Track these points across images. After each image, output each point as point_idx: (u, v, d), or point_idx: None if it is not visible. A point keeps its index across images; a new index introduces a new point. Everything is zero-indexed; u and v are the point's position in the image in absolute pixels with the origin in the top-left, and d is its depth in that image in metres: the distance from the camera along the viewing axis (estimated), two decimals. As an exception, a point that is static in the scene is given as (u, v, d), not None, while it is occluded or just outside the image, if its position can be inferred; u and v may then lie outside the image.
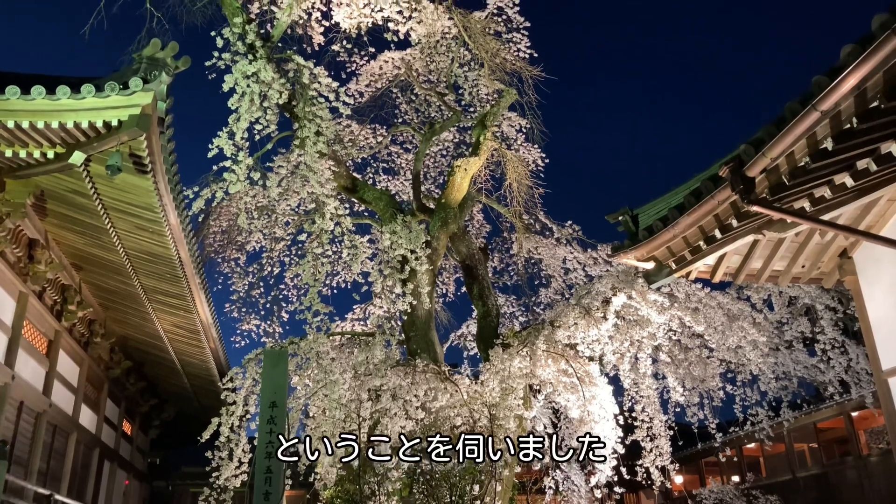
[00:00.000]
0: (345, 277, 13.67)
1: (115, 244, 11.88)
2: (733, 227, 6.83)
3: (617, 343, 10.24)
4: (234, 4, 10.45)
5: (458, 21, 11.80)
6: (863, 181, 6.25)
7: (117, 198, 10.54)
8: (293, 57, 10.25)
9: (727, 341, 10.84)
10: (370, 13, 11.08)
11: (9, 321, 11.79)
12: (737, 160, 6.07)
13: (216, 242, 13.37)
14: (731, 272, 8.23)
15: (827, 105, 5.20)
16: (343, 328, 14.17)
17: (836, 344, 11.11)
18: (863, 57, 4.81)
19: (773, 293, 11.41)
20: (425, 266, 10.64)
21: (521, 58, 12.60)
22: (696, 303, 10.61)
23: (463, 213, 12.45)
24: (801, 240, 7.85)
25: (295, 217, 12.90)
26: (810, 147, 5.74)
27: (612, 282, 10.20)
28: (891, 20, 4.63)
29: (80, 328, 15.34)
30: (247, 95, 9.45)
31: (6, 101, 8.29)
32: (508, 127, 14.14)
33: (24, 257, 12.00)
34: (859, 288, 7.94)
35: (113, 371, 17.86)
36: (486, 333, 11.47)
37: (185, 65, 9.14)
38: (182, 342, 16.64)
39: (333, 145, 11.81)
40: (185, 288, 13.37)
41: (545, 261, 14.05)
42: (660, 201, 8.53)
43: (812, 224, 6.64)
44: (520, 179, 13.58)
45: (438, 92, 13.67)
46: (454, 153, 15.04)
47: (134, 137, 8.84)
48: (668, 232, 7.19)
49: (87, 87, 8.45)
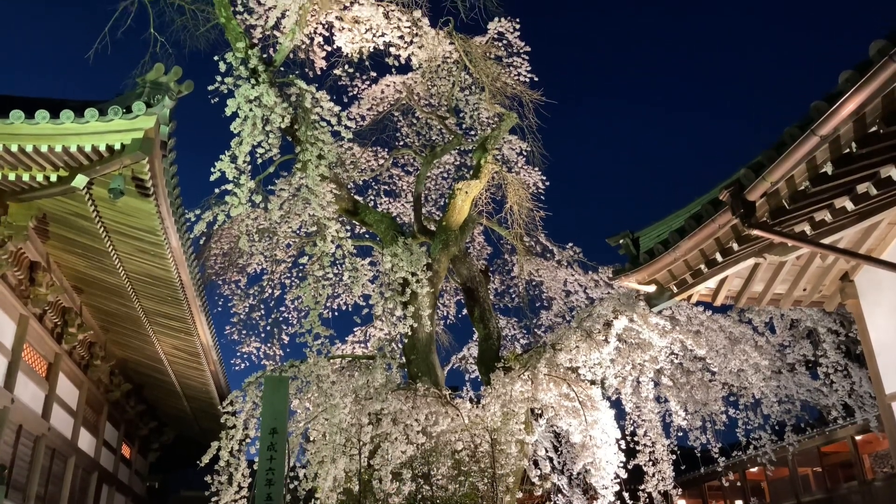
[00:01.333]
0: (346, 300, 13.66)
1: (116, 267, 11.90)
2: (734, 251, 6.84)
3: (619, 366, 10.20)
4: (237, 29, 10.56)
5: (458, 46, 11.91)
6: (863, 205, 6.27)
7: (119, 221, 10.57)
8: (295, 81, 10.32)
9: (729, 364, 10.80)
10: (372, 38, 11.19)
11: (9, 344, 11.76)
12: (737, 184, 6.09)
13: (217, 265, 13.38)
14: (732, 295, 8.23)
15: (826, 130, 5.24)
16: (344, 351, 14.13)
17: (839, 367, 11.06)
18: (861, 83, 4.85)
19: (774, 316, 11.39)
20: (426, 289, 10.63)
21: (521, 82, 12.69)
22: (697, 326, 10.59)
23: (464, 235, 12.46)
24: (802, 263, 7.85)
25: (296, 239, 12.93)
26: (810, 171, 5.77)
27: (614, 304, 10.19)
28: (888, 46, 4.67)
29: (80, 351, 15.29)
30: (249, 119, 9.50)
31: (10, 125, 8.35)
32: (509, 150, 14.21)
33: (26, 280, 12.00)
34: (861, 311, 7.93)
35: (112, 394, 17.78)
36: (488, 356, 11.43)
37: (188, 89, 9.23)
38: (182, 365, 16.58)
39: (335, 168, 11.86)
40: (186, 310, 13.36)
41: (546, 283, 14.04)
42: (660, 224, 8.55)
43: (812, 248, 6.65)
44: (520, 202, 13.61)
45: (439, 115, 13.76)
46: (455, 176, 15.10)
47: (136, 161, 8.89)
48: (669, 255, 7.20)
49: (90, 111, 8.51)
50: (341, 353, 13.69)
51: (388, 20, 11.09)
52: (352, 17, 11.02)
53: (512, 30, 12.55)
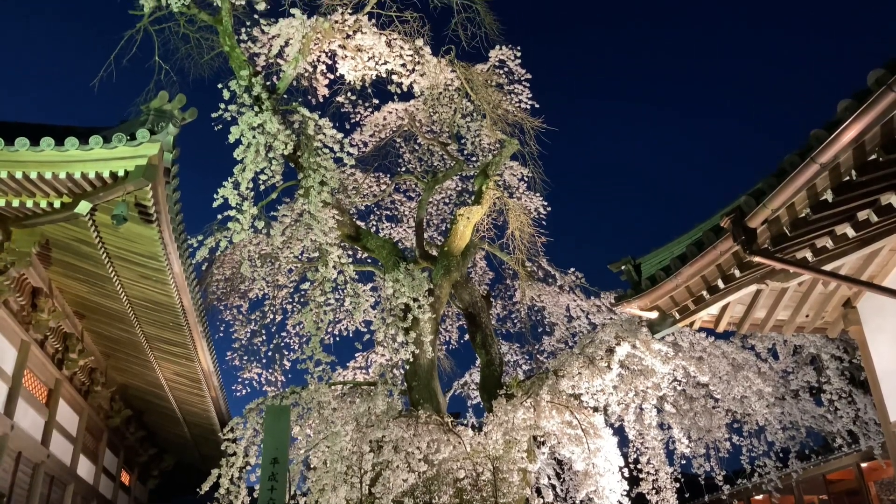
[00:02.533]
0: (347, 325, 13.64)
1: (118, 292, 11.90)
2: (736, 277, 6.84)
3: (621, 393, 10.15)
4: (241, 58, 10.67)
5: (460, 73, 12.02)
6: (864, 232, 6.28)
7: (122, 246, 10.60)
8: (298, 108, 10.42)
9: (732, 391, 10.75)
10: (374, 66, 11.30)
11: (10, 370, 11.73)
12: (738, 211, 6.11)
13: (219, 290, 13.39)
14: (734, 322, 8.22)
15: (826, 158, 5.27)
16: (345, 377, 14.08)
17: (843, 394, 11.00)
18: (860, 111, 4.89)
19: (777, 342, 11.35)
20: (428, 314, 10.61)
21: (522, 109, 12.79)
22: (700, 352, 10.55)
23: (466, 260, 12.48)
24: (804, 289, 7.85)
25: (298, 264, 12.95)
26: (811, 198, 5.79)
27: (616, 330, 10.16)
28: (886, 76, 4.71)
29: (80, 377, 15.25)
30: (252, 146, 9.57)
31: (15, 152, 8.42)
32: (510, 176, 14.27)
33: (28, 306, 12.01)
34: (864, 338, 7.90)
35: (112, 420, 17.68)
36: (490, 383, 11.37)
37: (191, 116, 9.30)
38: (183, 391, 16.51)
39: (337, 194, 11.91)
40: (188, 336, 13.34)
41: (548, 308, 14.01)
42: (662, 251, 8.56)
43: (814, 274, 6.65)
44: (522, 227, 13.64)
45: (441, 142, 13.86)
46: (457, 201, 15.16)
47: (140, 187, 8.94)
48: (671, 282, 7.20)
49: (95, 138, 8.58)
50: (342, 379, 13.64)
51: (390, 48, 11.21)
52: (354, 45, 11.14)
53: (513, 57, 12.68)
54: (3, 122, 9.88)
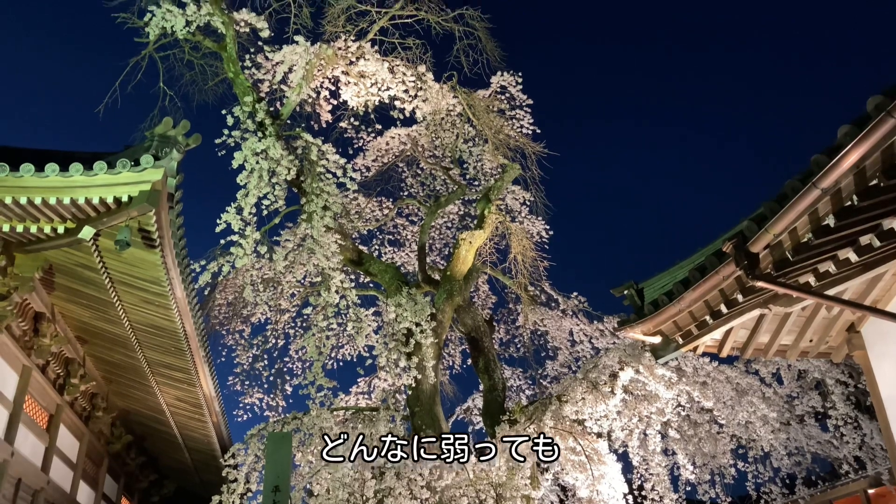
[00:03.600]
0: (349, 350, 13.61)
1: (120, 317, 11.89)
2: (739, 302, 6.83)
3: (625, 419, 10.08)
4: (245, 84, 10.78)
5: (462, 99, 12.12)
6: (867, 256, 6.28)
7: (125, 271, 10.61)
8: (302, 134, 10.50)
9: (737, 416, 10.67)
10: (377, 92, 11.41)
11: (10, 396, 11.68)
12: (740, 236, 6.12)
13: (221, 315, 13.39)
14: (738, 346, 8.18)
15: (827, 183, 5.29)
16: (347, 402, 14.00)
17: (849, 419, 10.90)
18: (860, 137, 4.92)
19: (781, 367, 11.28)
20: (430, 339, 10.59)
21: (523, 134, 12.88)
22: (704, 377, 10.49)
23: (468, 285, 12.47)
24: (807, 314, 7.82)
25: (300, 289, 12.95)
26: (812, 223, 5.80)
27: (619, 355, 10.12)
28: (885, 102, 4.74)
29: (81, 402, 15.18)
30: (255, 172, 9.63)
31: (20, 178, 8.45)
32: (512, 200, 14.31)
33: (30, 331, 11.99)
34: (869, 363, 7.85)
35: (113, 446, 17.56)
36: (493, 408, 11.30)
37: (195, 142, 9.35)
38: (184, 416, 16.42)
39: (340, 219, 11.96)
40: (189, 361, 13.29)
41: (551, 333, 13.97)
42: (665, 275, 8.56)
43: (817, 299, 6.63)
44: (524, 251, 13.65)
45: (443, 166, 13.93)
46: (459, 226, 15.20)
47: (143, 213, 8.95)
48: (674, 307, 7.19)
49: (99, 164, 8.62)
50: (344, 404, 13.57)
51: (393, 75, 11.32)
52: (358, 71, 11.25)
53: (514, 83, 12.79)
54: (8, 148, 9.96)
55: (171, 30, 10.62)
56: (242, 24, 10.94)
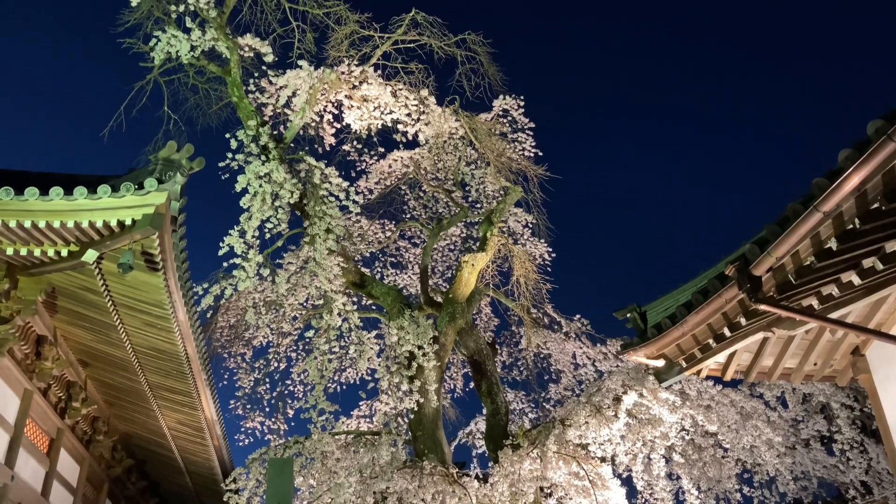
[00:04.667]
0: (351, 373, 13.56)
1: (122, 340, 11.87)
2: (742, 325, 6.82)
3: (629, 443, 10.00)
4: (249, 108, 10.87)
5: (464, 123, 12.19)
6: (870, 279, 6.27)
7: (127, 294, 10.62)
8: (305, 157, 10.56)
9: (741, 440, 10.57)
10: (380, 116, 11.49)
11: (11, 419, 11.64)
12: (742, 259, 6.12)
13: (223, 337, 13.36)
14: (742, 370, 8.14)
15: (828, 206, 5.30)
16: (349, 425, 13.92)
17: (855, 443, 10.80)
18: (860, 161, 4.94)
19: (786, 390, 11.20)
20: (433, 362, 10.55)
21: (525, 157, 12.94)
22: (708, 400, 10.41)
23: (471, 307, 12.45)
24: (811, 337, 7.78)
25: (302, 312, 12.94)
26: (815, 246, 5.80)
27: (623, 379, 10.07)
28: (886, 126, 4.77)
29: (83, 426, 15.11)
30: (259, 195, 9.67)
31: (25, 201, 8.50)
32: (515, 222, 14.33)
33: (32, 354, 11.97)
34: (874, 387, 7.80)
35: (114, 470, 17.45)
36: (496, 432, 11.23)
37: (199, 166, 9.40)
38: (186, 440, 16.33)
39: (343, 241, 11.98)
40: (191, 384, 13.24)
41: (554, 355, 13.91)
42: (667, 298, 8.54)
43: (820, 322, 6.61)
44: (527, 274, 13.65)
45: (446, 189, 13.97)
46: (461, 248, 15.21)
47: (147, 236, 8.98)
48: (677, 330, 7.17)
49: (103, 187, 8.66)
50: (346, 428, 13.49)
51: (395, 98, 11.41)
52: (360, 95, 11.34)
53: (516, 107, 12.88)
54: (12, 171, 10.04)
55: (176, 55, 10.74)
56: (247, 48, 11.06)
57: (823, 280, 6.23)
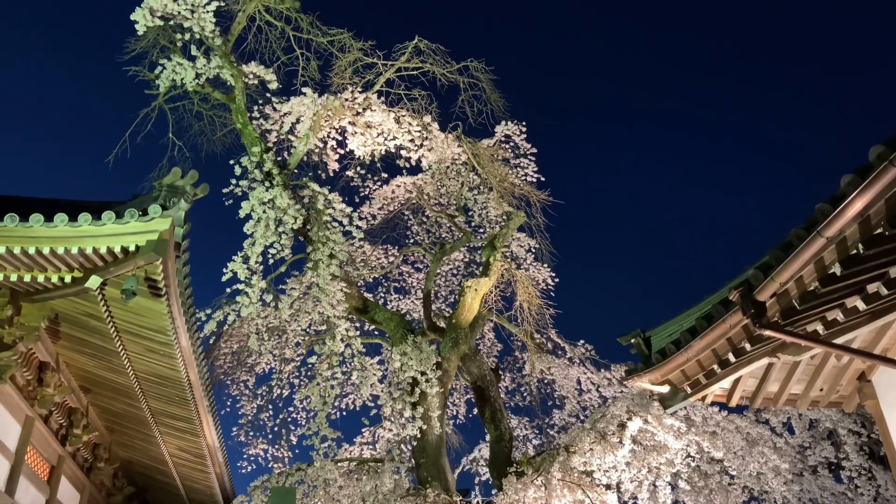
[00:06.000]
0: (354, 400, 13.49)
1: (125, 366, 11.83)
2: (747, 351, 6.78)
3: (634, 470, 9.90)
4: (253, 134, 10.94)
5: (467, 148, 12.26)
6: (875, 304, 6.25)
7: (130, 321, 10.60)
8: (308, 183, 10.61)
9: (748, 467, 10.47)
10: (383, 142, 11.57)
11: (12, 447, 11.57)
12: (746, 284, 6.11)
13: (226, 364, 13.32)
14: (747, 396, 8.08)
15: (831, 231, 5.29)
16: (351, 453, 13.82)
17: (863, 470, 10.68)
18: (863, 186, 4.95)
19: (792, 416, 11.12)
20: (436, 388, 10.50)
21: (528, 182, 12.99)
22: (713, 426, 10.34)
23: (474, 333, 12.41)
24: (817, 363, 7.73)
25: (305, 338, 12.91)
26: (819, 272, 5.79)
27: (628, 405, 9.99)
28: (887, 152, 4.78)
29: (83, 453, 15.01)
30: (262, 221, 9.71)
31: (29, 228, 8.52)
32: (518, 247, 14.34)
33: (34, 380, 11.94)
34: (881, 413, 7.72)
35: (114, 498, 17.29)
36: (499, 459, 11.13)
37: (203, 192, 9.44)
38: (187, 467, 16.21)
39: (346, 266, 11.99)
40: (193, 411, 13.17)
41: (558, 381, 13.84)
42: (672, 323, 8.50)
43: (825, 348, 6.57)
44: (530, 299, 13.62)
45: (449, 214, 14.01)
46: (464, 273, 15.20)
47: (150, 262, 8.99)
48: (682, 355, 7.13)
49: (107, 213, 8.69)
50: (349, 455, 13.39)
51: (399, 125, 11.49)
52: (364, 122, 11.42)
53: (518, 133, 12.96)
54: (17, 198, 10.07)
55: (181, 82, 10.84)
56: (251, 76, 11.16)
57: (828, 305, 6.20)
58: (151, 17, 10.47)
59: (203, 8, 10.62)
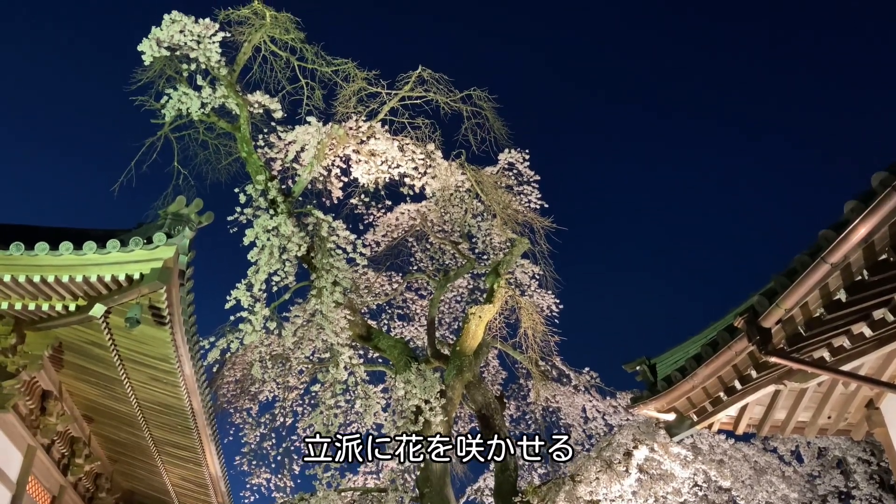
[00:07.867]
0: (357, 428, 13.39)
1: (128, 395, 11.78)
2: (753, 378, 6.72)
3: (641, 499, 9.78)
4: (258, 163, 11.01)
5: (470, 176, 12.32)
6: (881, 331, 6.20)
7: (134, 349, 10.58)
8: (313, 211, 10.65)
9: (756, 496, 10.32)
10: (387, 170, 11.64)
11: (14, 476, 11.47)
12: (751, 311, 6.07)
13: (229, 392, 13.27)
14: (754, 423, 7.99)
15: (836, 258, 5.28)
16: (355, 482, 13.69)
17: (874, 499, 10.52)
18: (866, 213, 4.94)
19: (800, 444, 10.99)
20: (440, 417, 10.42)
21: (531, 209, 13.02)
22: (720, 455, 10.21)
23: (478, 360, 12.36)
24: (824, 390, 7.66)
25: (309, 365, 12.87)
26: (824, 298, 5.76)
27: (633, 433, 9.91)
28: (890, 178, 4.78)
29: (85, 482, 14.88)
30: (266, 248, 9.73)
31: (34, 256, 8.55)
32: (522, 274, 14.32)
33: (37, 409, 11.88)
34: (890, 440, 7.62)
35: (116, 528, 17.14)
36: (505, 489, 11.01)
37: (208, 220, 9.47)
38: (190, 497, 16.06)
39: (350, 293, 11.99)
40: (196, 440, 13.08)
41: (563, 409, 13.74)
42: (677, 350, 8.45)
43: (832, 375, 6.52)
44: (535, 326, 13.57)
45: (453, 241, 14.03)
46: (468, 299, 15.17)
47: (154, 290, 8.99)
48: (687, 383, 7.07)
49: (112, 242, 8.71)
50: (352, 484, 13.26)
51: (402, 153, 11.57)
52: (368, 150, 11.50)
53: (521, 160, 13.04)
54: (22, 226, 10.12)
55: (187, 111, 10.94)
56: (256, 105, 11.27)
57: (834, 332, 6.16)
58: (158, 47, 10.62)
59: (209, 38, 10.77)
